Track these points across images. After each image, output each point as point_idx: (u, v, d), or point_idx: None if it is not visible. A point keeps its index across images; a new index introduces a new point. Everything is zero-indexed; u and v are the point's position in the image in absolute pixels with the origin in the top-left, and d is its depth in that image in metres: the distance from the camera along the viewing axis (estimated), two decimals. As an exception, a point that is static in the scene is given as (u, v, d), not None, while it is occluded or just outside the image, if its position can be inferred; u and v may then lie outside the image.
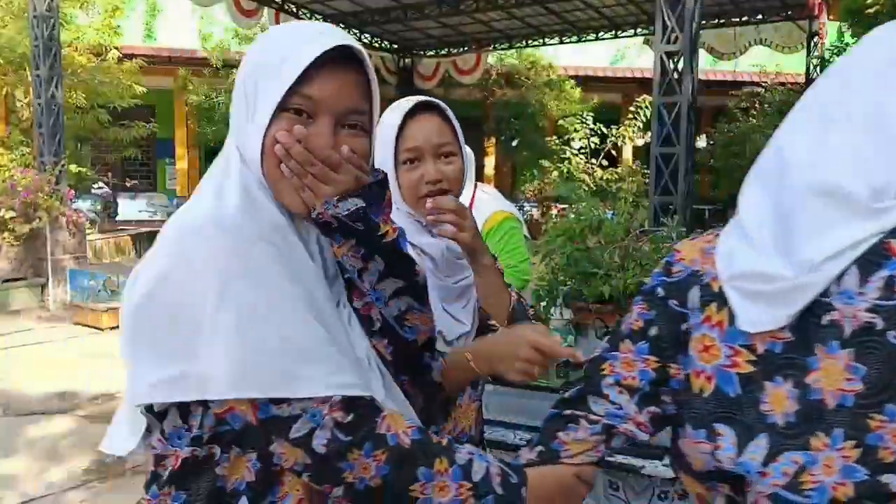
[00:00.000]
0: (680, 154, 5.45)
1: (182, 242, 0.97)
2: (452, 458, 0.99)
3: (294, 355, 0.94)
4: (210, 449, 0.98)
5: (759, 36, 12.11)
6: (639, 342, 1.02)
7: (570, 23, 12.45)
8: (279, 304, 0.95)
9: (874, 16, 8.33)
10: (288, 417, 0.93)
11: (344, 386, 0.95)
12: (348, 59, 1.03)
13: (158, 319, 0.94)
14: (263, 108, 1.01)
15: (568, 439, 1.07)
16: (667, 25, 5.57)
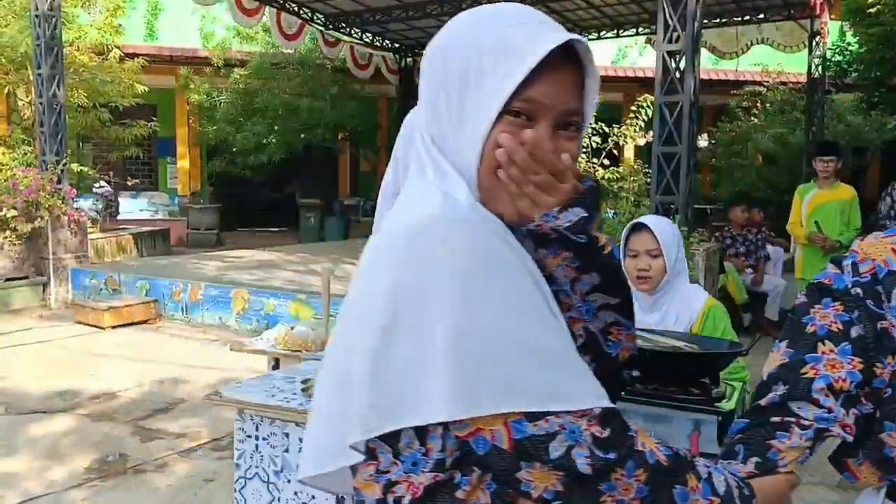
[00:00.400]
0: (682, 153, 5.43)
1: (416, 245, 0.87)
2: (698, 472, 0.90)
3: (552, 362, 0.84)
4: (451, 473, 0.87)
5: (761, 35, 12.08)
6: (841, 343, 1.01)
7: (572, 22, 12.44)
8: (530, 306, 0.86)
9: (875, 15, 8.32)
10: (545, 436, 0.81)
11: (601, 396, 0.85)
12: (567, 51, 0.94)
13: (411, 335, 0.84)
14: (482, 110, 0.90)
15: (783, 447, 1.06)
16: (668, 24, 5.56)
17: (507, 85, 0.89)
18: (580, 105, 0.97)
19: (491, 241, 0.87)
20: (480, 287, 0.83)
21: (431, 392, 0.81)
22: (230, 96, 14.15)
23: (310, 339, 3.01)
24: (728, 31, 12.16)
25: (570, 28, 10.45)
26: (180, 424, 4.63)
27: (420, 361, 0.83)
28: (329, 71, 14.33)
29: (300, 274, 8.97)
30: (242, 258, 10.54)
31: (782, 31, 11.68)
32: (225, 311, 7.71)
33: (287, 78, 13.85)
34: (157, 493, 3.61)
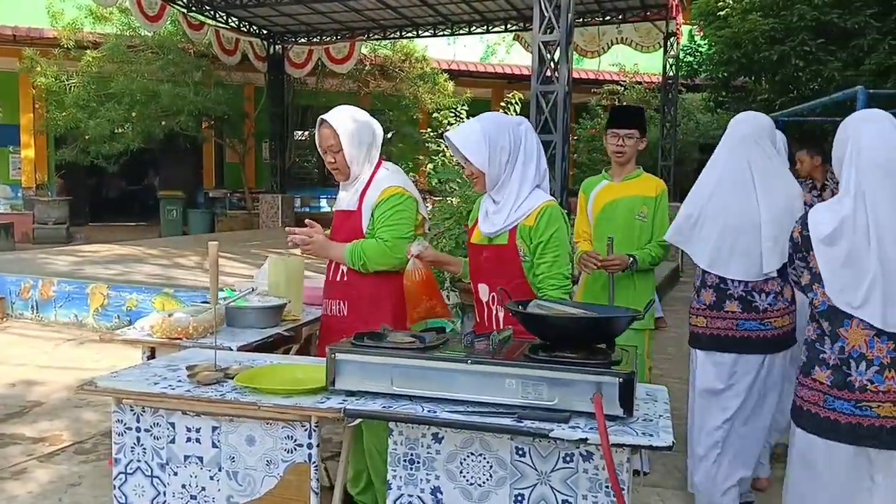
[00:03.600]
0: (557, 141, 5.61)
1: None
2: None
3: None
4: None
5: (621, 35, 12.76)
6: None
7: (443, 16, 12.56)
8: None
9: (724, 18, 8.97)
10: None
11: None
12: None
13: None
14: None
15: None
16: (544, 16, 5.72)
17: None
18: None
19: None
20: None
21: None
22: (82, 80, 13.14)
23: (191, 325, 2.84)
24: (590, 31, 12.75)
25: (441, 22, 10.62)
26: (38, 428, 4.24)
27: None
28: (192, 56, 13.64)
29: (164, 268, 8.49)
30: (98, 253, 9.84)
31: (640, 32, 12.39)
32: (81, 309, 7.17)
33: (146, 62, 13.05)
34: (17, 502, 3.28)
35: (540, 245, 2.47)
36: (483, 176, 2.53)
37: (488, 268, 2.57)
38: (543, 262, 2.48)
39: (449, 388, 1.93)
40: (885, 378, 2.06)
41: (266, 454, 2.06)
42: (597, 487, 1.83)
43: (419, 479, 1.95)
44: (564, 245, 2.51)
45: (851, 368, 2.10)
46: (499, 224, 2.51)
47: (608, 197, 3.56)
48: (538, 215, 2.48)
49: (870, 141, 2.12)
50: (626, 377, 1.80)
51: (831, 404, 2.13)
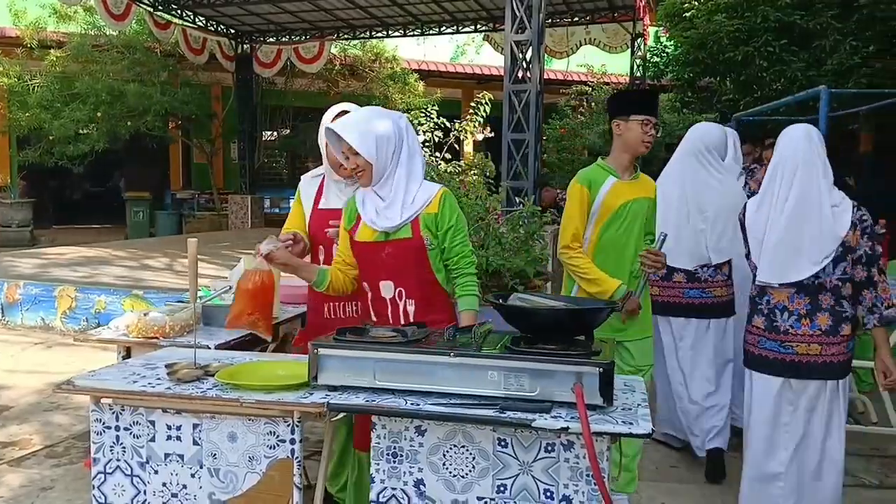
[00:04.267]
0: (530, 139, 5.66)
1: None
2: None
3: None
4: None
5: (589, 36, 12.90)
6: None
7: (413, 16, 12.57)
8: None
9: (690, 19, 9.12)
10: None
11: None
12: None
13: None
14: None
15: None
16: (516, 16, 5.77)
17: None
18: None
19: None
20: None
21: None
22: (46, 80, 12.89)
23: (167, 324, 2.82)
24: (559, 32, 12.86)
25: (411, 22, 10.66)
26: (7, 433, 4.17)
27: None
28: (159, 55, 13.47)
29: (132, 270, 8.37)
30: (64, 255, 9.66)
31: (608, 33, 12.54)
32: (48, 312, 7.04)
33: (111, 61, 12.84)
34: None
35: (450, 230, 2.50)
36: (370, 168, 2.48)
37: (392, 263, 2.51)
38: (456, 245, 2.52)
39: (432, 381, 1.95)
40: (801, 324, 2.75)
41: (248, 451, 2.06)
42: (578, 476, 1.86)
43: (402, 472, 1.97)
44: (466, 224, 2.63)
45: (777, 317, 2.80)
46: (396, 218, 2.47)
47: (621, 198, 3.02)
48: (440, 202, 2.50)
49: (783, 147, 2.85)
50: (606, 367, 1.83)
51: (764, 344, 2.84)
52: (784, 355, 2.77)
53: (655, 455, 3.89)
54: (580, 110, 15.09)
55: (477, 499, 1.92)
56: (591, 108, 14.91)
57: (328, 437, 2.20)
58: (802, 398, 2.77)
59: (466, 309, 2.53)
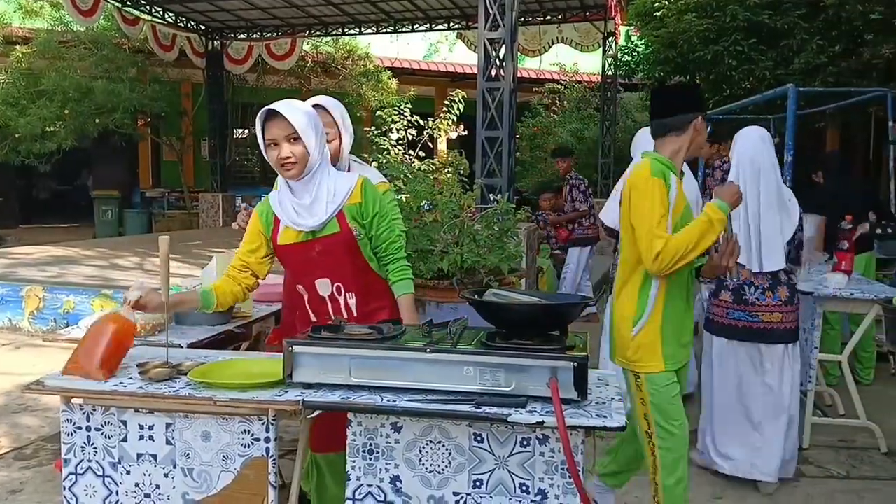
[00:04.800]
0: (503, 137, 5.68)
1: None
2: None
3: None
4: None
5: (561, 35, 12.97)
6: None
7: (386, 13, 12.53)
8: None
9: (660, 18, 9.21)
10: None
11: None
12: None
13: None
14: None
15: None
16: (489, 13, 5.78)
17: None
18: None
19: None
20: None
21: None
22: (11, 77, 12.62)
23: (138, 323, 2.77)
24: (532, 30, 12.92)
25: (384, 20, 10.61)
26: (-28, 435, 4.09)
27: None
28: (128, 52, 13.26)
29: (101, 269, 8.24)
30: (31, 255, 9.47)
31: (580, 32, 12.61)
32: (15, 312, 6.91)
33: (79, 58, 12.62)
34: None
35: (376, 216, 2.48)
36: (305, 160, 2.40)
37: (325, 260, 2.48)
38: (383, 231, 2.51)
39: (408, 377, 1.95)
40: (765, 297, 3.32)
41: (222, 449, 2.04)
42: (553, 470, 1.88)
43: (378, 469, 1.97)
44: (394, 207, 2.59)
45: (745, 291, 3.34)
46: (322, 215, 2.43)
47: (683, 201, 2.62)
48: (361, 190, 2.48)
49: (743, 150, 3.28)
50: (580, 361, 1.85)
51: (732, 315, 3.38)
52: (752, 323, 3.34)
53: (629, 449, 3.93)
54: (553, 109, 15.21)
55: (453, 494, 1.93)
56: (564, 106, 15.03)
57: (303, 436, 2.19)
58: (767, 360, 3.36)
59: (405, 293, 2.53)
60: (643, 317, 2.56)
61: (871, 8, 7.52)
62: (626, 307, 2.61)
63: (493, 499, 1.91)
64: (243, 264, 2.57)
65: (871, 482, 3.55)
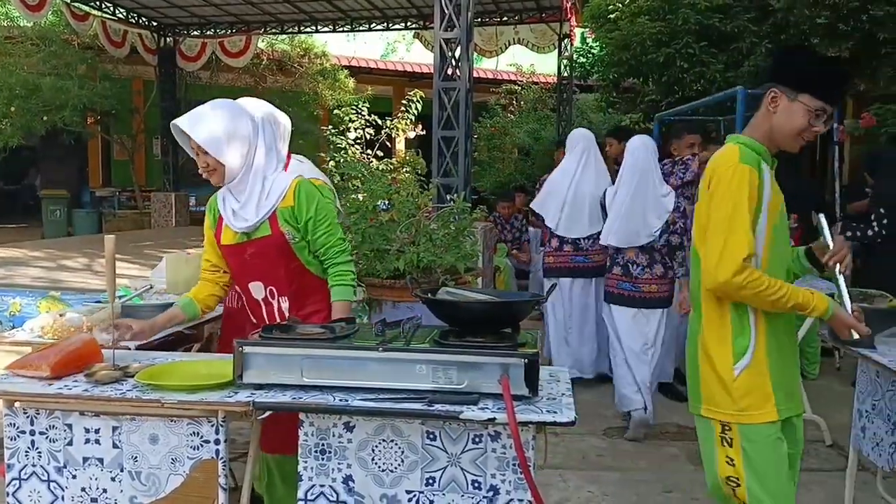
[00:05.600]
0: (459, 137, 5.70)
1: None
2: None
3: None
4: None
5: (518, 36, 13.06)
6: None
7: (342, 11, 12.45)
8: None
9: (614, 21, 9.33)
10: None
11: None
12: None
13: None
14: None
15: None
16: (445, 13, 5.79)
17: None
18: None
19: None
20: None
21: None
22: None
23: (85, 325, 2.71)
24: (488, 30, 12.97)
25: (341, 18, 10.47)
26: (-90, 443, 3.93)
27: None
28: (77, 48, 12.93)
29: (49, 270, 8.03)
30: (-25, 256, 9.18)
31: (535, 33, 12.72)
32: (-43, 315, 6.67)
33: (26, 54, 12.26)
34: None
35: (310, 221, 2.42)
36: (222, 168, 2.42)
37: (257, 264, 2.47)
38: (321, 235, 2.43)
39: (360, 376, 1.95)
40: (645, 272, 4.19)
41: (171, 452, 2.01)
42: (504, 466, 1.90)
43: (331, 469, 1.96)
44: (332, 211, 2.50)
45: (630, 268, 4.22)
46: (252, 218, 2.41)
47: (779, 196, 2.11)
48: (294, 194, 2.42)
49: (631, 154, 4.26)
50: (531, 358, 1.87)
51: (621, 286, 4.26)
52: (636, 293, 4.22)
53: (582, 445, 3.99)
54: (510, 109, 15.30)
55: (406, 492, 1.93)
56: (521, 106, 15.14)
57: (255, 437, 2.17)
58: (650, 322, 4.24)
59: (339, 300, 2.47)
60: (747, 352, 1.99)
61: (817, 12, 7.73)
62: (717, 339, 2.02)
63: (446, 496, 1.92)
64: (212, 265, 2.56)
65: (816, 474, 3.66)
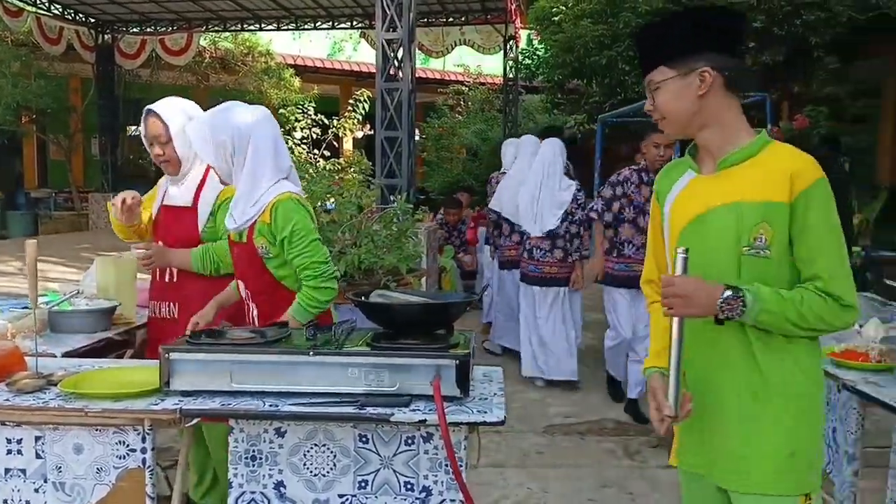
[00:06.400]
0: (402, 138, 5.70)
1: None
2: None
3: None
4: None
5: (464, 37, 13.12)
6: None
7: (287, 9, 12.32)
8: None
9: (558, 23, 9.47)
10: None
11: None
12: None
13: None
14: None
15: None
16: (386, 13, 5.78)
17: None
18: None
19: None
20: None
21: None
22: None
23: (8, 331, 2.62)
24: (435, 31, 13.00)
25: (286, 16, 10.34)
26: None
27: None
28: (10, 45, 12.48)
29: (-20, 275, 7.74)
30: None
31: (482, 34, 12.80)
32: None
33: (-47, 50, 11.80)
34: None
35: (285, 240, 2.36)
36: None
37: (238, 265, 2.51)
38: (295, 256, 2.37)
39: (291, 381, 1.93)
40: (547, 256, 4.94)
41: (96, 462, 1.96)
42: (437, 467, 1.90)
43: (262, 476, 1.94)
44: (312, 232, 2.38)
45: (534, 251, 4.97)
46: (238, 221, 2.41)
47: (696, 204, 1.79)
48: (271, 210, 2.36)
49: (541, 153, 5.08)
50: (462, 359, 1.88)
51: (528, 268, 5.01)
52: (539, 274, 4.97)
53: (523, 443, 4.03)
54: (458, 109, 15.36)
55: (338, 496, 1.92)
56: (468, 107, 15.22)
57: (184, 444, 2.13)
58: (548, 297, 4.99)
59: (288, 316, 2.35)
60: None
61: (752, 17, 7.98)
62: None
63: (379, 499, 1.92)
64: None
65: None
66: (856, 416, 2.30)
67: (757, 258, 1.55)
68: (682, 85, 1.61)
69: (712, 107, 1.60)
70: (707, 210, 1.62)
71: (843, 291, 1.53)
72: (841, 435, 2.38)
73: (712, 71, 1.58)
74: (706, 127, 1.63)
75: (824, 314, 1.53)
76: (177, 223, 2.74)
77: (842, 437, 2.37)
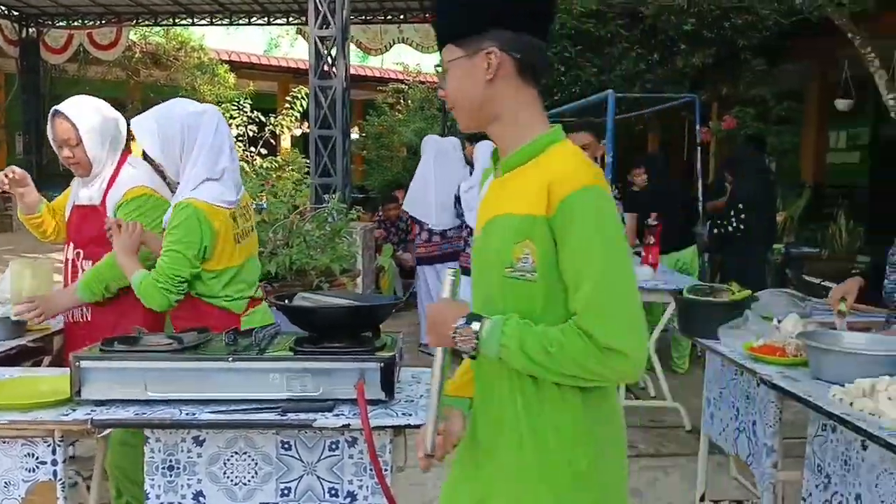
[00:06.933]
0: (337, 136, 5.63)
1: None
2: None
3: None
4: None
5: (402, 35, 13.08)
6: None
7: (220, 4, 12.06)
8: None
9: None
10: None
11: None
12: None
13: None
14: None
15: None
16: (319, 11, 5.70)
17: None
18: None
19: None
20: None
21: None
22: None
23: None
24: (373, 29, 12.93)
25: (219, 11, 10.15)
26: None
27: None
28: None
29: None
30: None
31: (420, 33, 12.78)
32: None
33: None
34: None
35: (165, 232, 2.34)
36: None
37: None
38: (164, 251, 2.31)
39: (209, 388, 1.88)
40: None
41: (4, 475, 1.87)
42: (362, 471, 1.87)
43: (179, 486, 1.87)
44: (178, 242, 2.24)
45: (471, 242, 4.84)
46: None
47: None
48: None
49: (477, 157, 5.02)
50: (387, 362, 1.86)
51: (470, 262, 4.40)
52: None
53: (460, 443, 4.03)
54: (397, 108, 15.31)
55: (260, 505, 1.88)
56: (408, 105, 15.17)
57: (99, 455, 2.04)
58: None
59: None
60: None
61: (684, 20, 8.18)
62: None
63: (302, 506, 1.88)
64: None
65: (676, 458, 3.86)
66: (773, 409, 2.36)
67: (520, 282, 1.29)
68: (468, 67, 1.34)
69: (503, 95, 1.34)
70: (486, 222, 1.39)
71: (599, 328, 1.21)
72: (760, 428, 2.45)
73: (499, 52, 1.31)
74: (497, 120, 1.37)
75: (581, 358, 1.22)
76: (86, 223, 2.66)
77: (761, 430, 2.44)
